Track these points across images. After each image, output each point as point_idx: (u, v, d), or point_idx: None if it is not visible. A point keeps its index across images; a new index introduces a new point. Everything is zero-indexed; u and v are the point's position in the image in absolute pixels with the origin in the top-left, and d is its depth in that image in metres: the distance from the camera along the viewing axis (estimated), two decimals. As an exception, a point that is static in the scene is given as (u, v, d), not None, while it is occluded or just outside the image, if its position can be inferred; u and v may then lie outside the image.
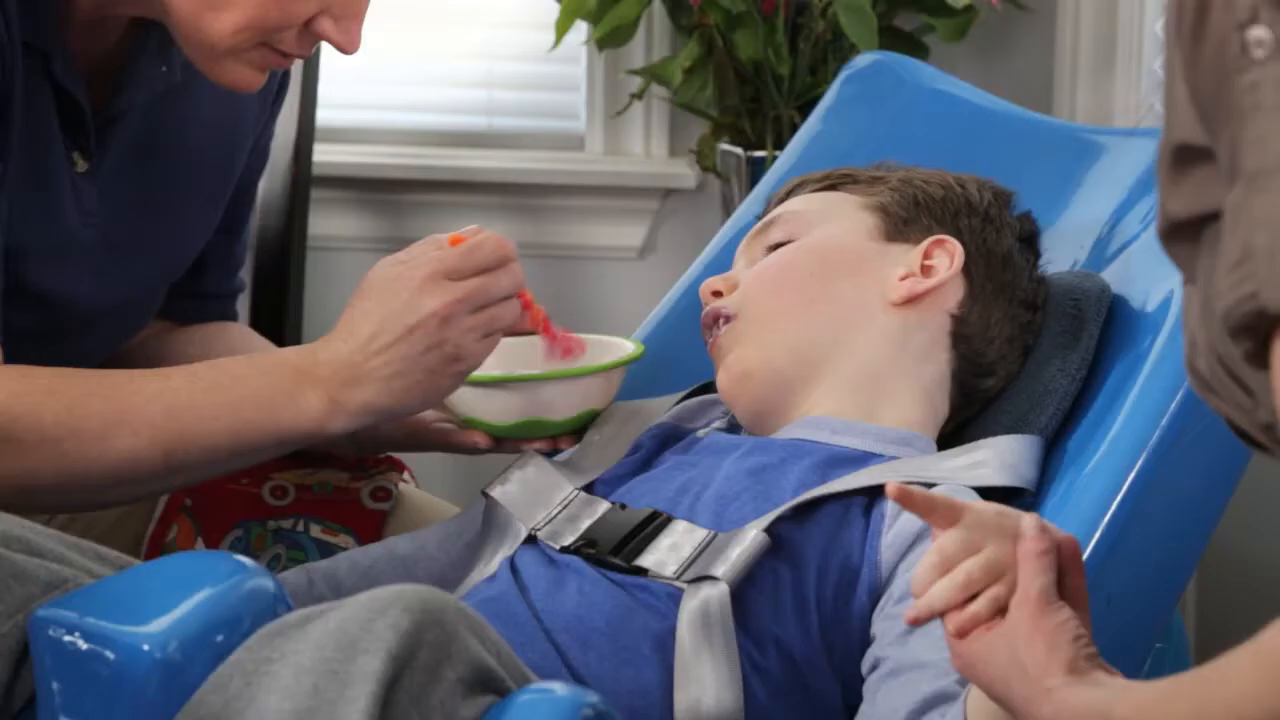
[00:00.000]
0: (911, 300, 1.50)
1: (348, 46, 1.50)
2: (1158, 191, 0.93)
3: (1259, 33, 0.84)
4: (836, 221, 1.55)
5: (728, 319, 1.52)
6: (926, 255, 1.51)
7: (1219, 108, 0.87)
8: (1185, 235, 0.91)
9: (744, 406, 1.52)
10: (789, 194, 1.61)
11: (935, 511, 1.14)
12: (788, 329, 1.50)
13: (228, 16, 1.45)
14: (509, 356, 1.56)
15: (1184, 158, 0.91)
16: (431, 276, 1.44)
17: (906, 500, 1.13)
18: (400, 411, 1.47)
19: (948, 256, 1.51)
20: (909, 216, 1.54)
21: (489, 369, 1.54)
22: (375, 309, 1.44)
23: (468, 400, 1.54)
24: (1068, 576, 1.13)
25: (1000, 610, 1.10)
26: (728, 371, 1.51)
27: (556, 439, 1.56)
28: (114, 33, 1.55)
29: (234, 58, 1.48)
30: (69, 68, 1.50)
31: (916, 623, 1.14)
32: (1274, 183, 0.84)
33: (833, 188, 1.58)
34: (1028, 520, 1.11)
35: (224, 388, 1.44)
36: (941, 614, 1.12)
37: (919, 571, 1.13)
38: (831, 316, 1.50)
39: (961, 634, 1.11)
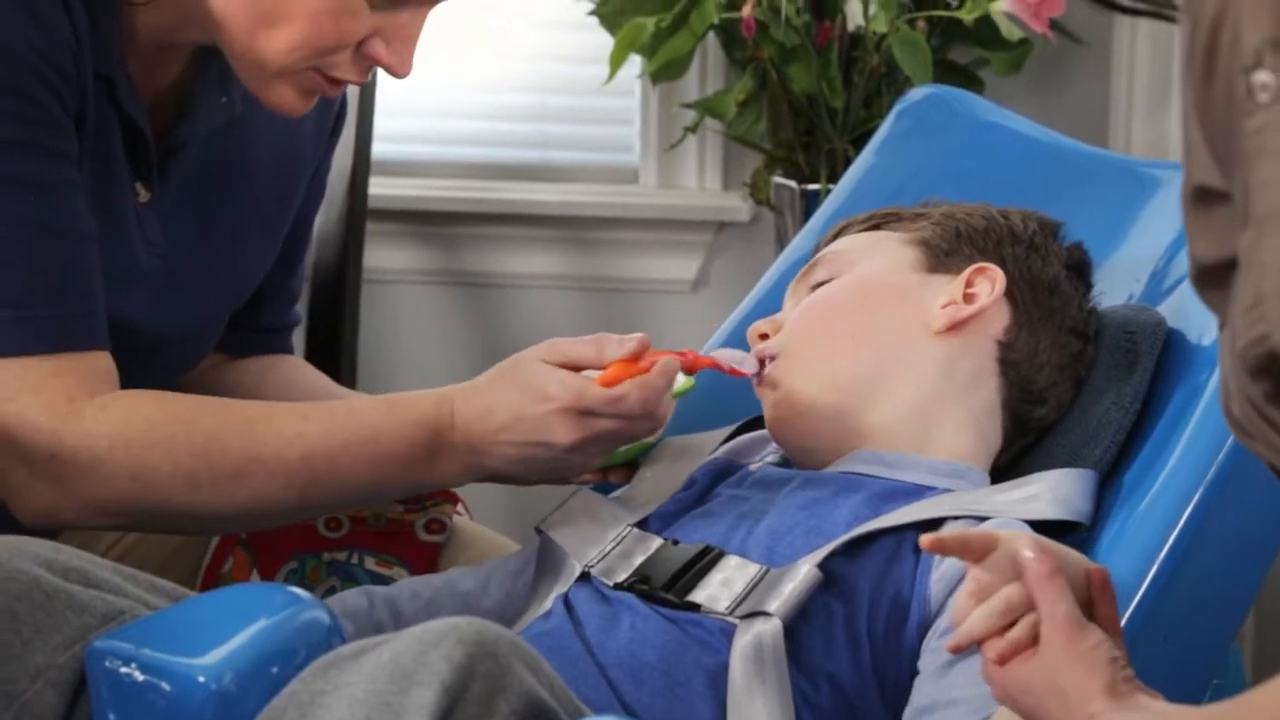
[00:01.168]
0: (954, 327, 1.50)
1: (399, 70, 1.51)
2: (1186, 236, 0.94)
3: (1263, 77, 0.84)
4: (878, 257, 1.55)
5: (773, 359, 1.52)
6: (968, 283, 1.51)
7: (1231, 151, 0.87)
8: (1214, 280, 0.92)
9: (793, 444, 1.52)
10: (835, 236, 1.61)
11: (970, 549, 1.15)
12: (832, 364, 1.50)
13: (282, 35, 1.46)
14: None
15: (1204, 200, 0.91)
16: (567, 410, 1.44)
17: (939, 548, 1.15)
18: (526, 482, 1.52)
19: (989, 283, 1.51)
20: (951, 248, 1.54)
21: None
22: (513, 404, 1.45)
23: None
24: (1099, 606, 1.14)
25: (1038, 636, 1.11)
26: (775, 411, 1.51)
27: (607, 472, 1.56)
28: (175, 64, 1.57)
29: (284, 79, 1.49)
30: (133, 97, 1.51)
31: (957, 650, 1.16)
32: None
33: (877, 227, 1.59)
34: (1023, 545, 1.12)
35: (362, 441, 1.46)
36: (981, 641, 1.13)
37: (958, 600, 1.15)
38: (875, 349, 1.50)
39: (1002, 660, 1.11)
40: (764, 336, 1.55)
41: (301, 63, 1.48)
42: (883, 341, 1.50)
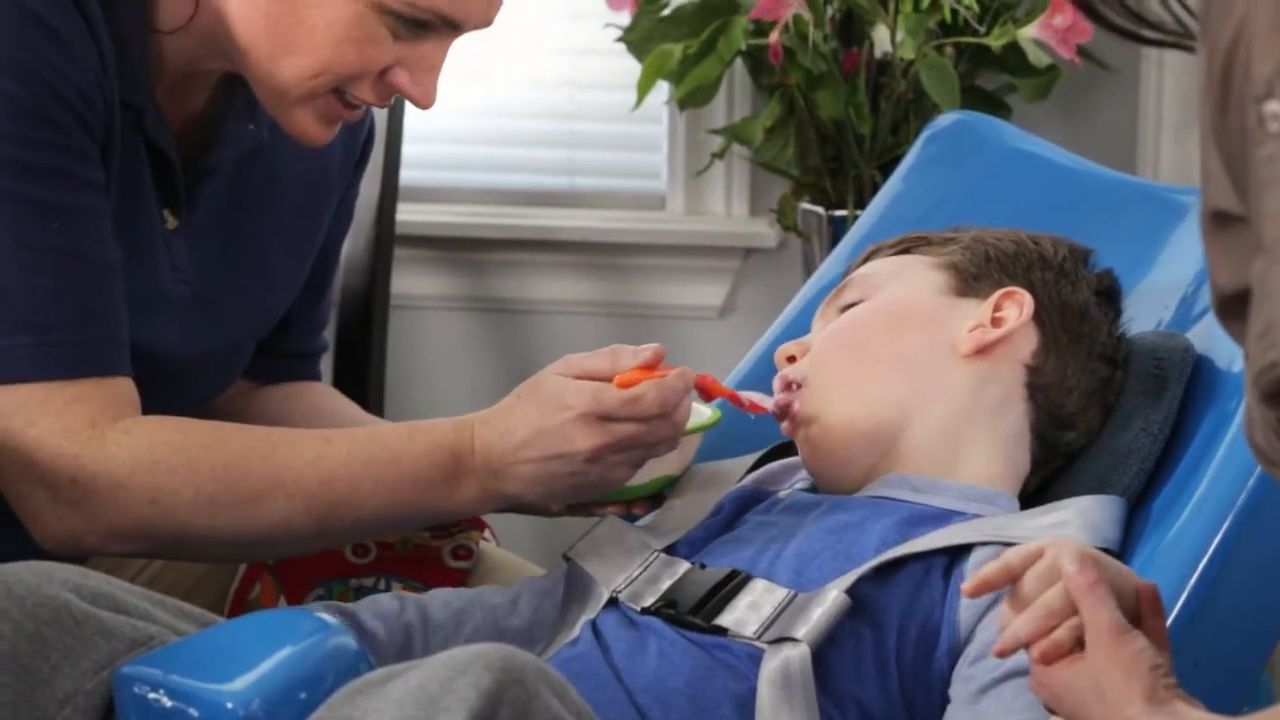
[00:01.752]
0: (982, 351, 1.49)
1: (422, 101, 1.51)
2: (1207, 263, 0.94)
3: (1274, 107, 0.84)
4: (907, 280, 1.55)
5: (799, 385, 1.52)
6: (996, 307, 1.51)
7: (1246, 178, 0.87)
8: (1235, 310, 0.92)
9: (828, 474, 1.51)
10: (865, 260, 1.61)
11: (1013, 573, 1.18)
12: (860, 388, 1.50)
13: (303, 61, 1.47)
14: None
15: (1222, 224, 0.91)
16: (586, 417, 1.43)
17: (986, 588, 1.19)
18: (544, 506, 1.52)
19: (1017, 306, 1.51)
20: (979, 272, 1.54)
21: None
22: (532, 419, 1.45)
23: None
24: (1147, 619, 1.16)
25: (1083, 641, 1.14)
26: (809, 446, 1.51)
27: (631, 504, 1.56)
28: (203, 91, 1.57)
29: (304, 106, 1.49)
30: (160, 124, 1.52)
31: (1003, 654, 1.18)
32: None
33: (906, 251, 1.59)
34: (1066, 557, 1.15)
35: (382, 464, 1.46)
36: (1027, 645, 1.15)
37: (1003, 608, 1.18)
38: (903, 372, 1.50)
39: (1047, 660, 1.14)
40: (791, 359, 1.55)
41: (322, 89, 1.48)
42: (911, 365, 1.50)
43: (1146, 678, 1.09)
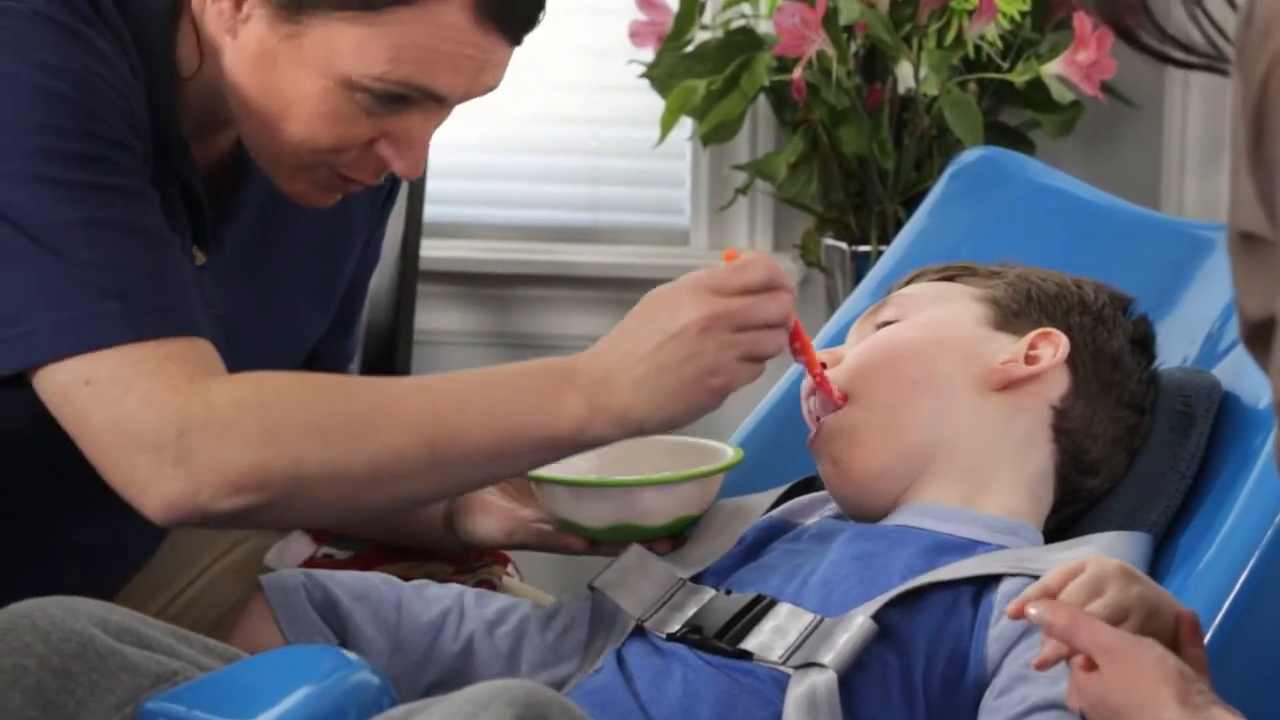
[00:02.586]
0: (1010, 386, 1.49)
1: (408, 173, 1.49)
2: (1234, 290, 0.94)
3: None
4: (947, 306, 1.55)
5: (834, 403, 1.51)
6: (1031, 345, 1.51)
7: (1277, 207, 0.87)
8: (1263, 340, 0.92)
9: (851, 500, 1.51)
10: (909, 281, 1.61)
11: (1050, 590, 1.21)
12: (897, 416, 1.49)
13: (287, 129, 1.46)
14: (610, 460, 1.56)
15: (1250, 246, 0.91)
16: (695, 289, 1.41)
17: (1022, 615, 1.20)
18: (657, 422, 1.42)
19: (1052, 347, 1.51)
20: (1019, 309, 1.54)
21: (586, 472, 1.54)
22: (636, 324, 1.42)
23: (563, 502, 1.54)
24: (1186, 647, 1.18)
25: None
26: (843, 469, 1.51)
27: (652, 544, 1.56)
28: (230, 133, 1.58)
29: (299, 173, 1.49)
30: (188, 162, 1.53)
31: (1043, 666, 1.21)
32: None
33: (951, 278, 1.59)
34: (1032, 611, 1.18)
35: (483, 387, 1.42)
36: (1069, 657, 1.18)
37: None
38: (932, 396, 1.50)
39: (1087, 667, 1.16)
40: (823, 366, 1.54)
41: (310, 159, 1.48)
42: (940, 390, 1.50)
43: (1175, 681, 1.10)
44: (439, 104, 1.47)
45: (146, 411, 1.37)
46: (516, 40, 1.48)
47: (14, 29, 1.41)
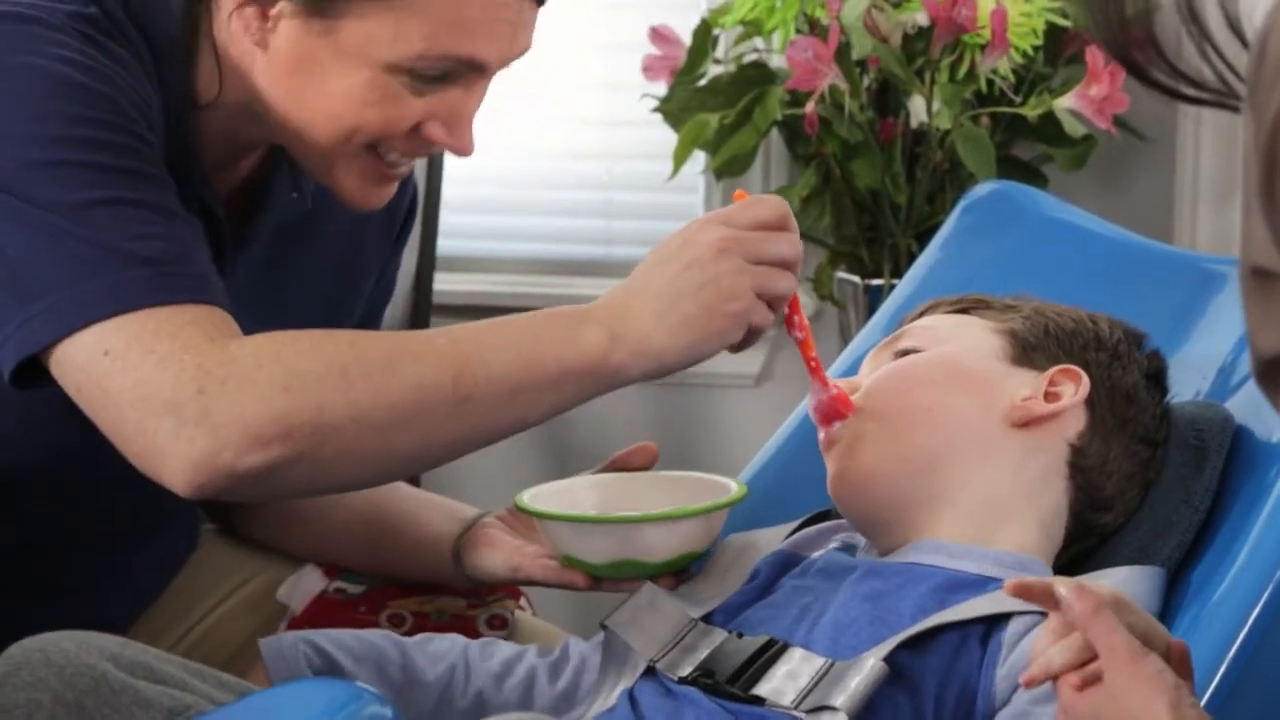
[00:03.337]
0: (1030, 423, 1.49)
1: (460, 149, 1.51)
2: (1247, 325, 0.93)
3: None
4: (966, 339, 1.55)
5: (843, 410, 1.50)
6: (1051, 382, 1.51)
7: None
8: (1275, 376, 0.91)
9: (855, 510, 1.51)
10: (922, 314, 1.61)
11: (1049, 596, 1.19)
12: (905, 433, 1.49)
13: (331, 126, 1.48)
14: (612, 496, 1.56)
15: (1262, 281, 0.91)
16: (709, 220, 1.45)
17: (1025, 593, 1.19)
18: (677, 352, 1.43)
19: (1073, 385, 1.50)
20: (1037, 344, 1.54)
21: (588, 509, 1.54)
22: (653, 261, 1.45)
23: (565, 538, 1.54)
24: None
25: None
26: (842, 470, 1.50)
27: (655, 580, 1.56)
28: (248, 160, 1.59)
29: (346, 168, 1.50)
30: (210, 188, 1.53)
31: (1032, 684, 1.19)
32: None
33: (966, 311, 1.59)
34: (1062, 590, 1.17)
35: (503, 325, 1.44)
36: (1057, 676, 1.17)
37: (1038, 638, 1.19)
38: (949, 427, 1.49)
39: (1079, 688, 1.15)
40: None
41: (355, 148, 1.49)
42: (957, 423, 1.49)
43: (1170, 694, 1.09)
44: (480, 74, 1.49)
45: (165, 373, 1.35)
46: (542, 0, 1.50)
47: (38, 33, 1.43)
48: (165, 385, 1.35)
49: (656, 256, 1.45)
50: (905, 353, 1.55)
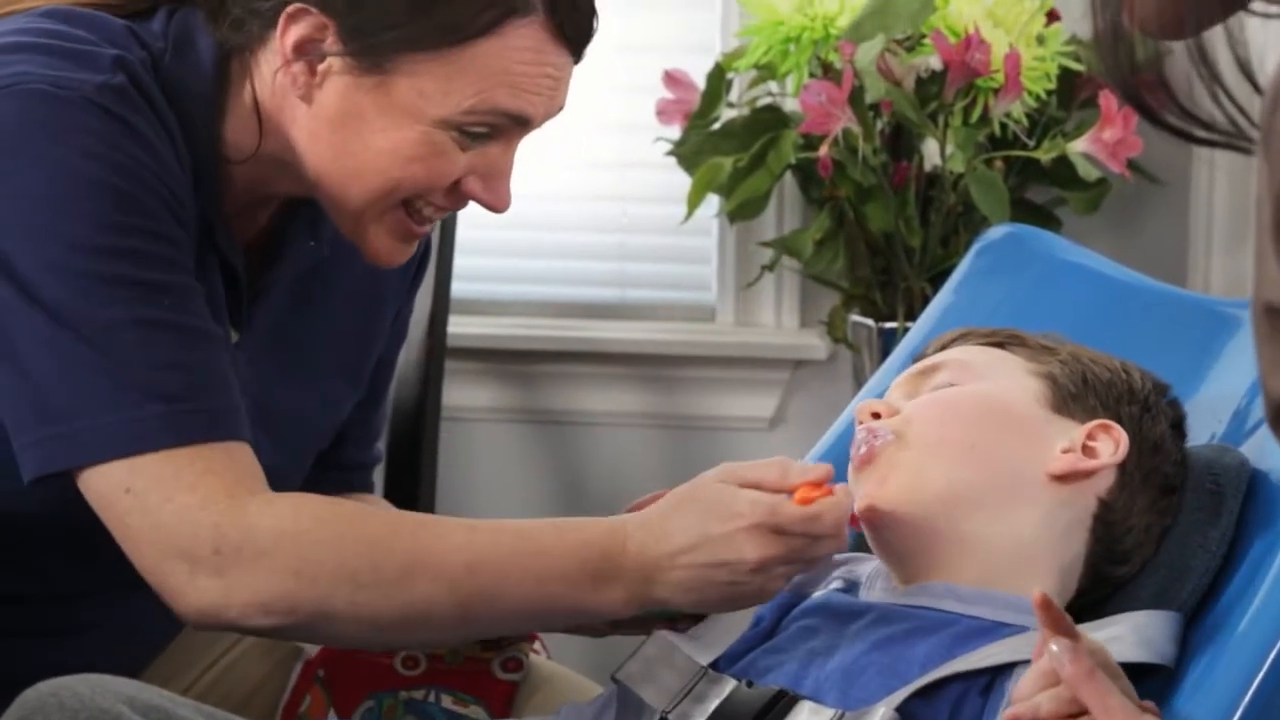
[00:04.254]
0: (1068, 477, 1.48)
1: (498, 205, 1.52)
2: (1259, 367, 0.93)
3: None
4: (1005, 379, 1.52)
5: (881, 438, 1.49)
6: (1090, 436, 1.49)
7: None
8: None
9: (881, 537, 1.48)
10: (953, 341, 1.59)
11: (1060, 628, 1.21)
12: (946, 467, 1.47)
13: (371, 183, 1.48)
14: None
15: (1275, 320, 0.91)
16: (760, 527, 1.41)
17: (1048, 609, 1.22)
18: (687, 611, 1.48)
19: (1113, 443, 1.48)
20: (1077, 393, 1.51)
21: None
22: (694, 525, 1.42)
23: None
24: None
25: None
26: (878, 487, 1.47)
27: (674, 621, 1.55)
28: (268, 210, 1.59)
29: (378, 224, 1.51)
30: (231, 242, 1.54)
31: None
32: None
33: (1000, 345, 1.57)
34: (1054, 648, 1.18)
35: (529, 555, 1.43)
36: None
37: (1026, 679, 1.20)
38: (988, 468, 1.47)
39: None
40: (876, 415, 1.51)
41: (391, 204, 1.50)
42: (997, 465, 1.47)
43: None
44: (521, 129, 1.50)
45: (184, 525, 1.40)
46: (579, 57, 1.52)
47: (61, 116, 1.42)
48: (183, 537, 1.40)
49: (701, 518, 1.42)
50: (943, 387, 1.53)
